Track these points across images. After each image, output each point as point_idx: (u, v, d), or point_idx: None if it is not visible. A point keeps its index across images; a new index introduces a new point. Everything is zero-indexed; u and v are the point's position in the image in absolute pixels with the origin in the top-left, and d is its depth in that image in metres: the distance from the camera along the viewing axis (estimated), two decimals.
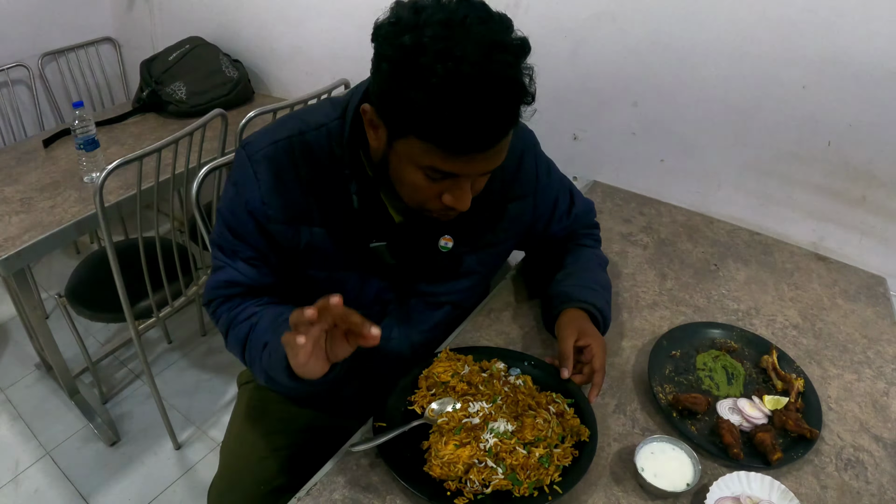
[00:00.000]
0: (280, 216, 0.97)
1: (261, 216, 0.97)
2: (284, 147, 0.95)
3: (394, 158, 0.85)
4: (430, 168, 0.81)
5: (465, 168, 0.81)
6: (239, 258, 1.01)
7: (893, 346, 1.26)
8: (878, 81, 1.35)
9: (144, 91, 2.17)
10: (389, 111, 0.80)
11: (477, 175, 0.85)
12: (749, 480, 0.92)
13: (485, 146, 0.78)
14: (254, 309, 1.02)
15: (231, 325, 1.02)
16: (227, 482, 1.17)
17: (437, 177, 0.82)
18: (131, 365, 2.34)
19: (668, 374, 1.12)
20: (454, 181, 0.84)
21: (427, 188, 0.85)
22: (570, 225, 1.25)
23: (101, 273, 1.88)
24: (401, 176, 0.86)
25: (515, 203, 1.12)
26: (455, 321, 1.22)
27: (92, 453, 1.99)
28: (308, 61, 2.26)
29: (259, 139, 0.98)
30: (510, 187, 1.09)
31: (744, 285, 1.41)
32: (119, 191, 1.72)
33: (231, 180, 1.00)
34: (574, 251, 1.23)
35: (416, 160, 0.81)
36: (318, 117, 0.97)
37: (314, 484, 0.90)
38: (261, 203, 0.96)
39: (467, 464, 0.88)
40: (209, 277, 1.07)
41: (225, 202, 1.01)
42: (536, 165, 1.14)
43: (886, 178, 1.44)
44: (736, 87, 1.52)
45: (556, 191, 1.20)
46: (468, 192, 0.86)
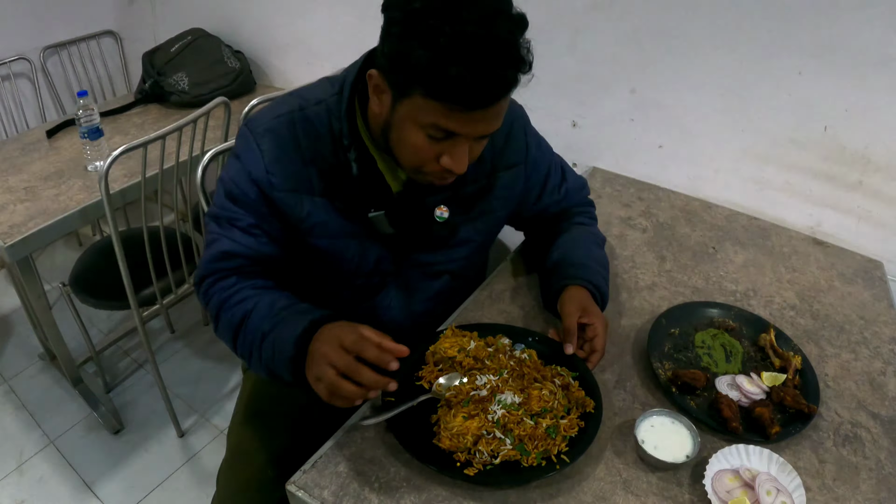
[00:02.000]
0: (283, 185, 1.00)
1: (265, 185, 0.99)
2: (286, 121, 0.99)
3: (396, 121, 0.89)
4: (432, 126, 0.85)
5: (465, 126, 0.85)
6: (236, 227, 1.02)
7: (891, 327, 1.28)
8: (874, 66, 1.37)
9: (147, 82, 2.18)
10: (397, 71, 0.84)
11: (475, 136, 0.88)
12: (748, 453, 0.94)
13: (485, 102, 0.83)
14: (248, 293, 1.01)
15: (222, 307, 1.01)
16: (234, 467, 1.19)
17: (438, 136, 0.86)
18: (134, 354, 2.35)
19: (667, 352, 1.14)
20: (453, 142, 0.88)
21: (427, 149, 0.88)
22: (563, 200, 1.28)
23: (105, 262, 1.90)
24: (402, 137, 0.89)
25: (506, 172, 1.15)
26: (454, 292, 1.24)
27: (96, 442, 2.01)
28: (309, 52, 2.28)
29: (261, 116, 1.02)
30: (500, 156, 1.13)
31: (741, 268, 1.43)
32: (123, 179, 1.73)
33: (233, 154, 1.03)
34: (570, 230, 1.26)
35: (419, 119, 0.85)
36: (316, 94, 1.01)
37: (319, 457, 0.92)
38: (265, 172, 0.98)
39: (476, 435, 0.89)
40: (202, 254, 1.06)
41: (227, 173, 1.03)
42: (526, 136, 1.18)
43: (882, 163, 1.46)
44: (733, 72, 1.54)
45: (547, 164, 1.24)
46: (466, 154, 0.89)
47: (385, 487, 0.87)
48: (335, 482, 0.88)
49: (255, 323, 0.96)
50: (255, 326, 0.96)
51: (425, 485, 0.88)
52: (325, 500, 0.85)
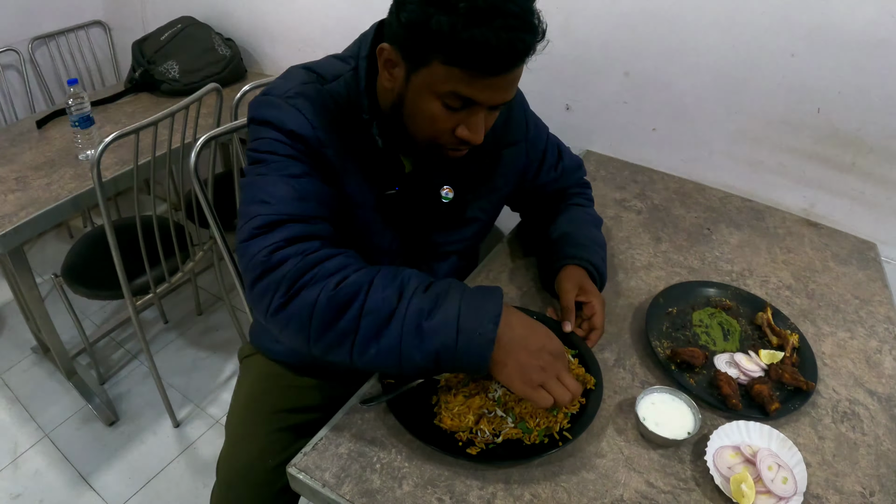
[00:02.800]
0: (329, 143, 0.94)
1: (312, 140, 0.92)
2: (314, 90, 0.96)
3: (411, 94, 0.88)
4: (450, 94, 0.85)
5: (483, 94, 0.85)
6: (293, 176, 0.90)
7: (885, 306, 1.29)
8: (866, 49, 1.37)
9: (137, 71, 2.16)
10: (415, 40, 0.83)
11: (492, 105, 0.88)
12: (748, 430, 0.95)
13: (506, 67, 0.83)
14: (345, 260, 0.86)
15: (307, 276, 0.82)
16: (234, 456, 1.18)
17: (455, 105, 0.86)
18: (128, 345, 2.34)
19: (665, 331, 1.15)
20: (469, 112, 0.88)
21: (443, 119, 0.88)
22: (560, 178, 1.29)
23: (97, 252, 1.89)
24: (418, 109, 0.89)
25: (509, 149, 1.16)
26: (459, 273, 1.24)
27: (91, 434, 1.99)
28: (300, 38, 2.26)
29: (281, 85, 0.96)
30: (502, 134, 1.13)
31: (737, 248, 1.43)
32: (115, 167, 1.71)
33: (260, 122, 0.94)
34: (567, 210, 1.26)
35: (437, 88, 0.85)
36: (332, 70, 0.99)
37: (320, 439, 0.91)
38: (311, 128, 0.92)
39: (477, 414, 0.89)
40: (253, 205, 0.88)
41: (259, 140, 0.93)
42: (525, 114, 1.20)
43: (875, 145, 1.47)
44: (726, 55, 1.54)
45: (544, 142, 1.25)
46: (482, 124, 0.90)
47: (387, 468, 0.87)
48: (336, 464, 0.87)
49: (384, 297, 0.81)
50: (385, 302, 0.81)
51: (427, 465, 0.88)
52: (326, 482, 0.85)
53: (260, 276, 0.83)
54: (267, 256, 0.82)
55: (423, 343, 0.80)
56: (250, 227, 0.86)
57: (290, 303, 0.81)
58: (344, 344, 0.81)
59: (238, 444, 1.19)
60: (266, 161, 0.91)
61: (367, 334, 0.80)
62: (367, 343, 0.81)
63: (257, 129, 0.95)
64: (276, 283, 0.81)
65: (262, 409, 1.22)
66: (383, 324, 0.80)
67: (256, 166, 0.92)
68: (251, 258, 0.84)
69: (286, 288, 0.81)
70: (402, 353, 0.80)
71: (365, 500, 0.82)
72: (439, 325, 0.79)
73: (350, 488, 0.84)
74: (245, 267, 0.85)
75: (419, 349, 0.80)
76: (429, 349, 0.80)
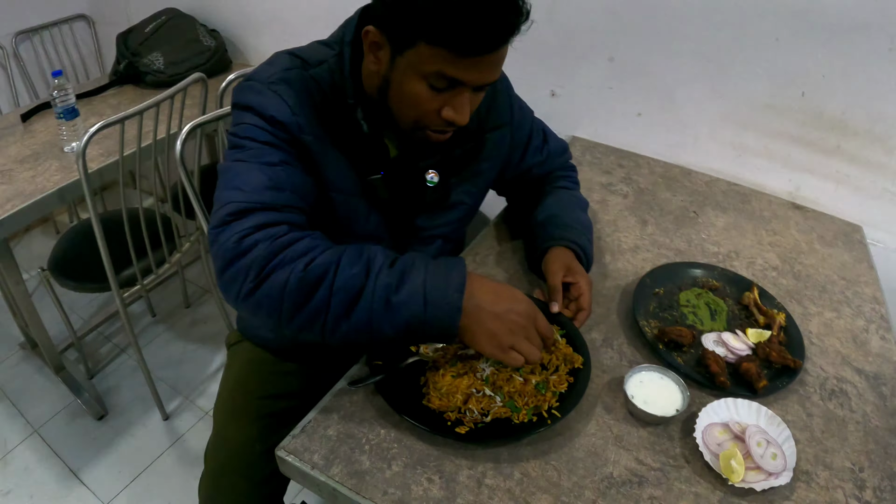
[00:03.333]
0: (309, 129, 0.94)
1: (293, 126, 0.92)
2: (297, 76, 0.95)
3: (396, 76, 0.88)
4: (436, 75, 0.85)
5: (469, 74, 0.85)
6: (268, 164, 0.90)
7: (871, 287, 1.30)
8: (850, 32, 1.38)
9: (121, 63, 2.14)
10: (399, 22, 0.84)
11: (477, 85, 0.88)
12: (737, 407, 0.95)
13: (491, 46, 0.83)
14: (312, 242, 0.85)
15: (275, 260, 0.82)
16: (222, 444, 1.18)
17: (441, 85, 0.86)
18: (116, 339, 2.32)
19: (652, 311, 1.15)
20: (454, 93, 0.88)
21: (429, 100, 0.88)
22: (545, 162, 1.29)
23: (83, 245, 1.87)
24: (403, 91, 0.89)
25: (494, 133, 1.16)
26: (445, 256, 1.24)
27: (80, 428, 1.98)
28: (285, 28, 2.25)
29: (264, 71, 0.96)
30: (487, 118, 1.14)
31: (723, 231, 1.44)
32: (100, 158, 1.70)
33: (242, 107, 0.95)
34: (553, 193, 1.27)
35: (422, 68, 0.85)
36: (316, 55, 0.99)
37: (308, 422, 0.91)
38: (291, 114, 0.92)
39: (466, 393, 0.89)
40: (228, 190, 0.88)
41: (240, 125, 0.93)
42: (510, 98, 1.20)
43: (859, 128, 1.48)
44: (710, 39, 1.55)
45: (529, 126, 1.26)
46: (468, 105, 0.89)
47: (376, 449, 0.87)
48: (325, 446, 0.87)
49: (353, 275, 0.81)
50: (354, 280, 0.81)
51: (416, 445, 0.88)
52: (315, 464, 0.84)
53: (230, 261, 0.83)
54: (237, 243, 0.83)
55: (393, 317, 0.81)
56: (222, 213, 0.86)
57: (261, 287, 0.82)
58: (315, 323, 0.82)
59: (225, 432, 1.19)
60: (244, 147, 0.92)
61: (338, 312, 0.81)
62: (338, 321, 0.82)
63: (239, 113, 0.95)
64: (247, 268, 0.82)
65: (248, 395, 1.21)
66: (353, 301, 0.81)
67: (235, 151, 0.92)
68: (221, 245, 0.84)
69: (256, 272, 0.82)
70: (373, 327, 0.82)
71: (354, 481, 0.82)
72: (407, 297, 0.81)
73: (339, 470, 0.84)
74: (215, 253, 0.85)
75: (389, 322, 0.81)
76: (398, 322, 0.81)
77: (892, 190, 1.51)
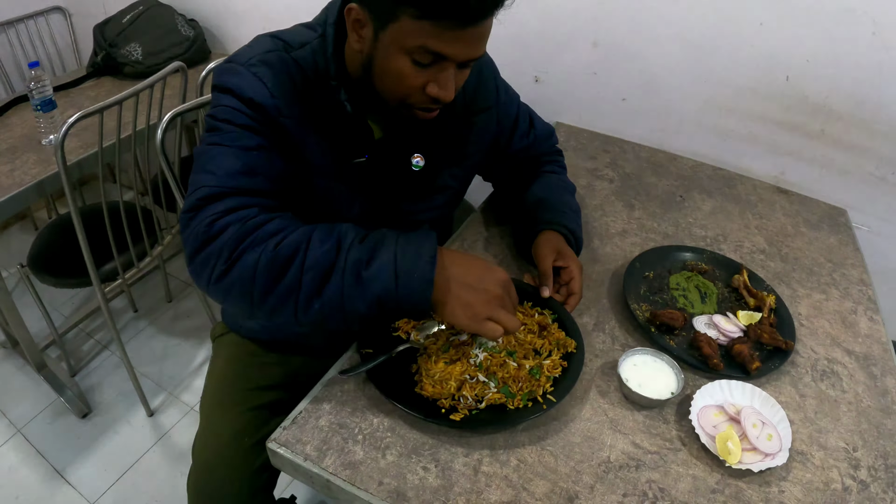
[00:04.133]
0: (289, 112, 0.93)
1: (271, 109, 0.91)
2: (277, 57, 0.94)
3: (380, 52, 0.87)
4: (419, 49, 0.83)
5: (452, 47, 0.83)
6: (244, 148, 0.89)
7: (858, 269, 1.31)
8: (833, 17, 1.39)
9: (99, 55, 2.09)
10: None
11: (462, 60, 0.87)
12: (731, 389, 0.96)
13: (472, 18, 0.81)
14: (283, 222, 0.85)
15: (246, 241, 0.82)
16: (209, 438, 1.15)
17: (424, 61, 0.85)
18: (98, 335, 2.28)
19: (643, 294, 1.15)
20: (439, 68, 0.86)
21: (413, 76, 0.87)
22: (532, 145, 1.28)
23: (63, 240, 1.83)
24: (387, 67, 0.87)
25: (480, 115, 1.15)
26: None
27: (64, 427, 1.94)
28: (265, 17, 2.21)
29: (244, 53, 0.95)
30: (473, 100, 1.13)
31: (709, 215, 1.44)
32: (79, 150, 1.66)
33: (220, 89, 0.93)
34: (541, 177, 1.26)
35: (405, 43, 0.83)
36: (298, 38, 0.97)
37: (299, 412, 0.89)
38: (270, 97, 0.91)
39: (459, 380, 0.88)
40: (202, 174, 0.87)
41: (218, 107, 0.92)
42: (496, 80, 1.19)
43: (844, 112, 1.49)
44: (695, 24, 1.55)
45: (515, 109, 1.25)
46: (452, 80, 0.88)
47: (369, 438, 0.86)
48: (317, 437, 0.86)
49: (323, 252, 0.81)
50: (325, 256, 0.81)
51: (410, 434, 0.87)
52: (308, 456, 0.83)
53: (200, 246, 0.83)
54: (207, 226, 0.83)
55: (364, 291, 0.80)
56: (194, 198, 0.86)
57: (232, 269, 0.81)
58: (287, 303, 0.82)
59: (213, 426, 1.17)
60: (221, 130, 0.90)
61: (310, 290, 0.81)
62: (311, 299, 0.81)
63: (218, 95, 0.94)
64: (218, 251, 0.82)
65: (235, 387, 1.19)
66: (324, 278, 0.81)
67: (211, 134, 0.91)
68: (192, 229, 0.84)
69: (227, 255, 0.81)
70: (345, 304, 0.81)
71: (348, 472, 0.81)
72: (378, 271, 0.80)
73: (333, 461, 0.82)
74: (186, 237, 0.85)
75: (361, 298, 0.81)
76: (370, 297, 0.81)
77: (877, 174, 1.52)
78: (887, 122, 1.45)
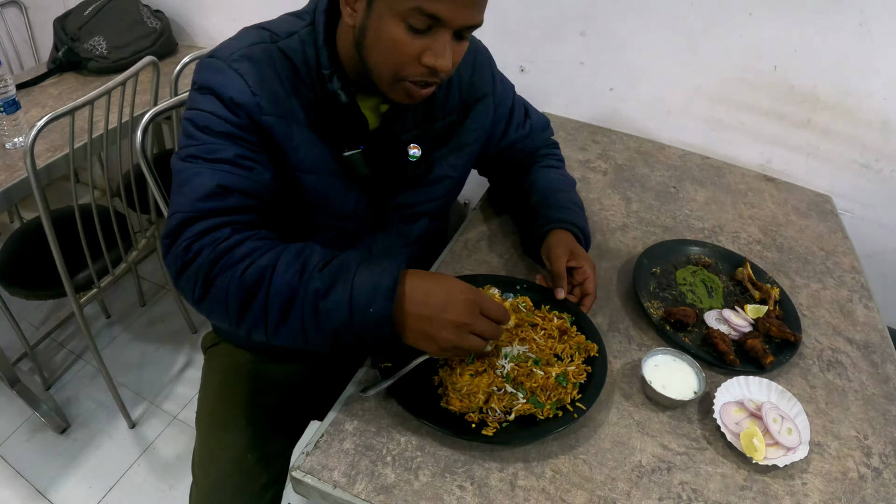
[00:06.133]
0: (272, 109, 0.90)
1: (252, 108, 0.88)
2: (261, 49, 0.90)
3: (373, 21, 0.83)
4: (414, 11, 0.79)
5: (448, 9, 0.79)
6: (222, 161, 0.87)
7: (848, 257, 1.34)
8: (821, 8, 1.40)
9: (60, 50, 1.97)
10: None
11: (458, 26, 0.82)
12: (748, 384, 0.96)
13: None
14: (255, 244, 0.83)
15: (218, 265, 0.81)
16: (211, 457, 1.11)
17: (420, 25, 0.80)
18: (70, 345, 2.18)
19: (652, 291, 1.15)
20: (435, 36, 0.82)
21: (407, 44, 0.82)
22: (528, 137, 1.26)
23: (29, 248, 1.74)
24: (380, 36, 0.83)
25: (477, 104, 1.12)
26: (432, 235, 1.21)
27: (42, 444, 1.85)
28: (234, 6, 2.12)
29: (227, 47, 0.91)
30: (469, 89, 1.10)
31: (704, 206, 1.45)
32: (47, 154, 1.56)
33: (199, 88, 0.90)
34: (541, 172, 1.24)
35: (399, 6, 0.79)
36: (286, 27, 0.94)
37: (321, 436, 0.85)
38: (251, 95, 0.88)
39: (487, 392, 0.86)
40: (176, 198, 0.87)
41: (196, 108, 0.89)
42: (492, 69, 1.16)
43: (830, 101, 1.51)
44: (684, 14, 1.54)
45: (511, 99, 1.23)
46: (449, 48, 0.84)
47: (399, 459, 0.83)
48: (344, 461, 0.82)
49: (286, 280, 0.79)
50: (287, 284, 0.78)
51: (440, 451, 0.84)
52: (337, 482, 0.79)
53: (180, 269, 0.83)
54: (184, 251, 0.83)
55: (320, 324, 0.78)
56: (172, 223, 0.85)
57: (208, 293, 0.81)
58: (259, 326, 0.81)
59: (213, 442, 1.12)
60: (198, 139, 0.88)
61: (275, 318, 0.79)
62: (278, 325, 0.80)
63: (197, 96, 0.91)
64: (195, 276, 0.82)
65: (234, 401, 1.15)
66: (287, 305, 0.79)
67: (188, 142, 0.89)
68: (172, 254, 0.84)
69: (203, 279, 0.81)
70: (307, 334, 0.79)
71: (382, 497, 0.78)
72: (334, 304, 0.77)
73: (364, 486, 0.79)
74: (168, 262, 0.85)
75: (318, 330, 0.78)
76: (326, 330, 0.78)
77: (860, 161, 1.55)
78: (872, 111, 1.47)
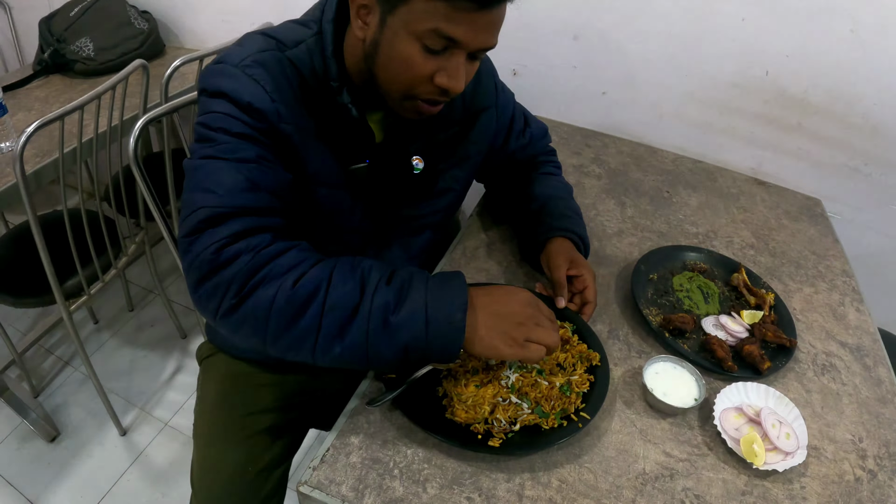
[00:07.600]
0: (290, 118, 0.86)
1: (272, 114, 0.84)
2: (272, 57, 0.87)
3: (387, 38, 0.81)
4: (431, 32, 0.78)
5: (465, 32, 0.78)
6: (244, 161, 0.82)
7: (839, 260, 1.36)
8: (814, 14, 1.42)
9: (46, 51, 1.94)
10: None
11: (474, 48, 0.82)
12: (746, 390, 0.97)
13: (489, 1, 0.77)
14: (300, 254, 0.80)
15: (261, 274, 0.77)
16: (210, 469, 1.10)
17: (436, 46, 0.79)
18: (58, 351, 2.15)
19: (650, 297, 1.16)
20: (449, 57, 0.81)
21: (421, 63, 0.81)
22: (528, 145, 1.27)
23: (15, 255, 1.72)
24: (394, 53, 0.81)
25: (480, 115, 1.12)
26: (434, 247, 1.20)
27: (32, 453, 1.83)
28: (223, 7, 2.09)
29: (235, 53, 0.87)
30: (472, 101, 1.10)
31: (697, 210, 1.47)
32: (35, 159, 1.54)
33: (212, 94, 0.86)
34: (540, 180, 1.24)
35: (416, 27, 0.78)
36: (292, 36, 0.91)
37: (327, 449, 0.85)
38: (270, 101, 0.84)
39: (492, 403, 0.86)
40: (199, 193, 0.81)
41: (211, 114, 0.85)
42: (494, 78, 1.17)
43: (820, 106, 1.53)
44: (676, 18, 1.55)
45: (511, 108, 1.23)
46: (462, 70, 0.83)
47: (406, 472, 0.83)
48: (351, 475, 0.82)
49: (346, 293, 0.77)
50: (348, 298, 0.77)
51: (447, 463, 0.84)
52: (345, 497, 0.79)
53: (207, 274, 0.77)
54: (215, 254, 0.76)
55: (391, 338, 0.77)
56: (195, 219, 0.79)
57: (244, 304, 0.76)
58: (305, 344, 0.77)
59: (213, 455, 1.11)
60: (215, 140, 0.83)
61: (330, 332, 0.76)
62: (331, 341, 0.77)
63: (208, 101, 0.86)
64: (227, 283, 0.76)
65: (232, 414, 1.13)
66: (347, 320, 0.76)
67: (204, 145, 0.84)
68: (196, 255, 0.78)
69: (238, 288, 0.76)
70: (370, 349, 0.77)
71: None
72: (407, 318, 0.77)
73: (372, 500, 0.79)
74: (189, 265, 0.78)
75: (388, 345, 0.77)
76: (398, 344, 0.77)
77: (850, 164, 1.57)
78: (861, 116, 1.50)
